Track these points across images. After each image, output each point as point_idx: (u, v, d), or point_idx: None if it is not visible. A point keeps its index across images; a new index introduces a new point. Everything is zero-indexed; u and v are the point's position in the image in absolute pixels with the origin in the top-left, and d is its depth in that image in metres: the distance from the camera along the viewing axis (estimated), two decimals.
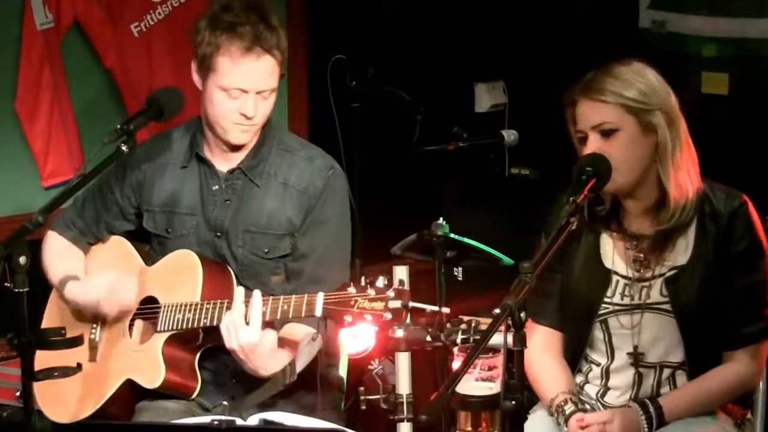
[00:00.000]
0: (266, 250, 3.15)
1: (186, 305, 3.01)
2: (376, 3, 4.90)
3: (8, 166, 4.16)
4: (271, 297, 2.93)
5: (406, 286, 2.80)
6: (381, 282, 2.75)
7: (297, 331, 3.09)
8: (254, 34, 3.01)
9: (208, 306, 2.98)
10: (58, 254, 3.29)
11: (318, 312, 2.81)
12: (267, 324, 2.93)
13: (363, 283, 2.76)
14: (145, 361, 3.05)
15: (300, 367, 3.08)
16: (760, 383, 3.04)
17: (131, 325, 3.16)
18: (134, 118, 3.01)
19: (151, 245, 3.28)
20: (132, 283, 3.12)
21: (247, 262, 3.16)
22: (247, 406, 3.05)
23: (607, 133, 2.84)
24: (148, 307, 3.13)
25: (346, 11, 4.83)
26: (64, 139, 4.22)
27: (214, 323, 2.96)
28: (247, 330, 2.89)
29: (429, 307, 2.86)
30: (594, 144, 2.84)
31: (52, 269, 3.27)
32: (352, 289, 2.77)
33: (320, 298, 2.81)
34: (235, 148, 3.16)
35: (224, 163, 3.20)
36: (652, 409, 2.88)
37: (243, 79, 3.03)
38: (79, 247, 3.31)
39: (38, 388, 2.77)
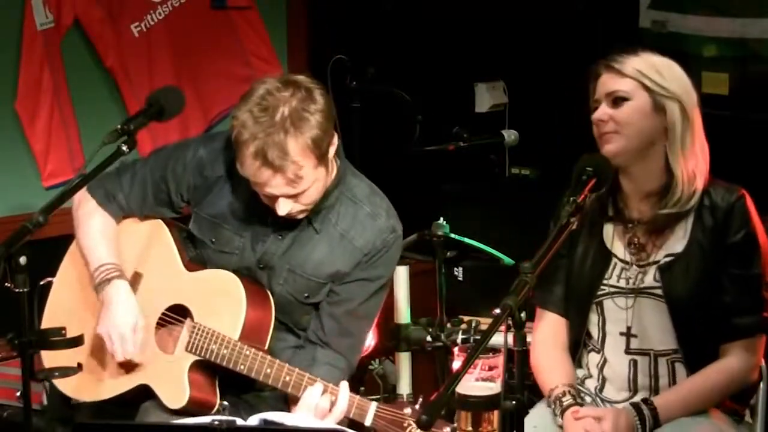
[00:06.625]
0: (306, 295, 3.08)
1: (223, 339, 2.93)
2: (376, 3, 4.90)
3: (8, 166, 4.16)
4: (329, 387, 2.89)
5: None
6: None
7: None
8: (263, 154, 2.82)
9: (247, 353, 2.90)
10: (98, 227, 3.15)
11: (368, 421, 2.78)
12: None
13: (418, 407, 2.72)
14: (168, 377, 2.97)
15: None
16: (761, 384, 3.03)
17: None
18: (134, 118, 3.00)
19: (189, 236, 3.17)
20: (138, 339, 3.00)
21: (284, 301, 3.08)
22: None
23: (618, 101, 2.89)
24: (178, 318, 3.05)
25: (346, 11, 4.83)
26: (65, 139, 4.22)
27: (251, 375, 2.90)
28: (330, 416, 2.85)
29: None
30: (602, 110, 2.89)
31: (88, 238, 3.13)
32: (407, 410, 2.72)
33: (372, 408, 2.79)
34: None
35: None
36: (646, 411, 2.88)
37: (263, 187, 2.91)
38: (116, 221, 3.18)
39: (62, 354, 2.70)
